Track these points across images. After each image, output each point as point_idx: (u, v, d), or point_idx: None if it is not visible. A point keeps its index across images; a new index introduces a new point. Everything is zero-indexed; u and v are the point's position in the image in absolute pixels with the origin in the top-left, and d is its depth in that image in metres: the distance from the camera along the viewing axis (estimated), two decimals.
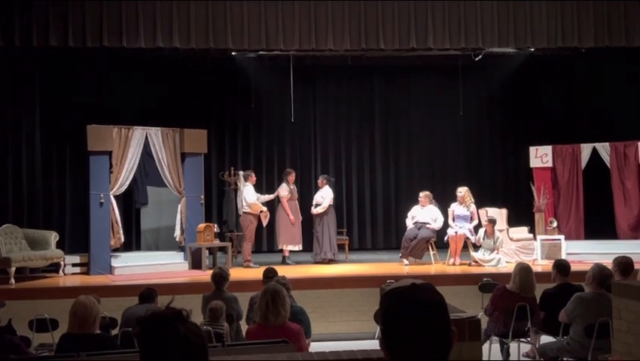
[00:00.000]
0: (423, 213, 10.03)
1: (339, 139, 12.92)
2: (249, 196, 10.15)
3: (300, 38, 9.40)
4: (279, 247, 10.65)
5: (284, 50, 9.77)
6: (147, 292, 5.94)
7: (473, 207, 9.99)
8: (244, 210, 10.26)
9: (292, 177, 10.63)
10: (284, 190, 10.44)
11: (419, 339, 1.53)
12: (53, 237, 9.49)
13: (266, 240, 12.33)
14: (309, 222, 10.64)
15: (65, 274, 9.39)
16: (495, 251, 9.61)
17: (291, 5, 9.30)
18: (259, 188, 12.09)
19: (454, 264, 9.76)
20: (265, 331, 4.40)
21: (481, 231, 9.81)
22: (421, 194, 10.18)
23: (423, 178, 12.62)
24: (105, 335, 4.58)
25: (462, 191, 9.95)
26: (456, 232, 9.75)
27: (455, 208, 9.99)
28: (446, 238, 9.88)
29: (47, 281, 9.01)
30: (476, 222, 9.96)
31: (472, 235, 9.82)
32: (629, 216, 10.87)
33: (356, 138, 12.95)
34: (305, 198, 11.60)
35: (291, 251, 10.43)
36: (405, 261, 9.83)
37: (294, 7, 9.32)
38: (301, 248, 10.50)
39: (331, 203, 10.41)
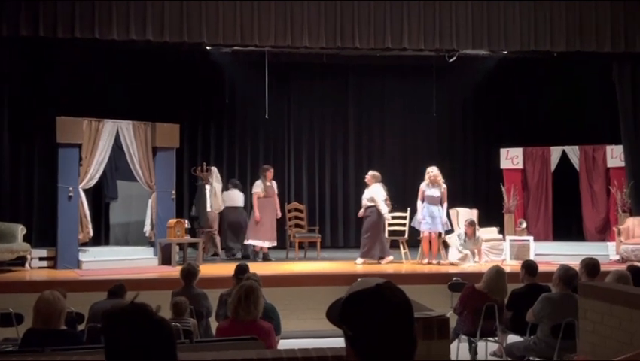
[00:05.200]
0: (366, 193, 9.88)
1: (313, 136, 12.92)
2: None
3: (276, 35, 9.37)
4: (245, 242, 10.61)
5: (259, 46, 9.72)
6: (115, 289, 5.88)
7: (443, 187, 9.70)
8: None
9: (270, 173, 10.55)
10: (256, 187, 10.42)
11: (388, 340, 1.53)
12: (20, 230, 9.30)
13: None
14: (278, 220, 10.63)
15: (31, 268, 9.22)
16: (476, 251, 9.67)
17: (266, 1, 9.26)
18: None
19: (430, 263, 9.62)
20: (236, 328, 4.39)
21: (461, 233, 9.82)
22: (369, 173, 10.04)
23: (395, 177, 12.66)
24: (70, 331, 4.50)
25: (434, 170, 9.67)
26: (430, 232, 9.61)
27: (425, 188, 9.69)
28: (421, 227, 9.68)
29: (13, 275, 8.84)
30: (445, 205, 9.75)
31: (444, 227, 9.68)
32: (597, 218, 11.07)
33: (329, 136, 12.96)
34: (279, 195, 11.60)
35: (267, 248, 10.43)
36: (359, 260, 9.77)
37: (270, 3, 9.28)
38: (274, 245, 10.48)
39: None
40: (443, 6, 9.69)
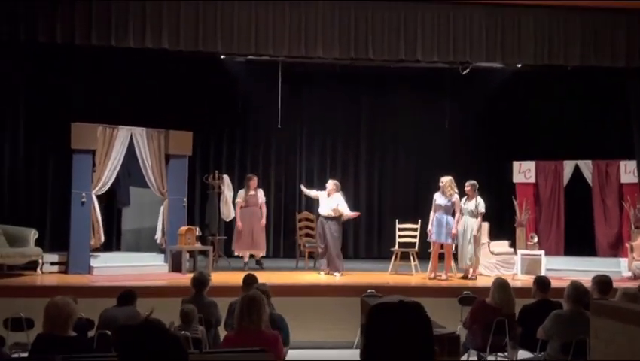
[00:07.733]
0: (327, 202, 9.89)
1: (325, 146, 12.93)
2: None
3: (290, 44, 9.39)
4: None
5: (274, 56, 9.76)
6: (126, 294, 5.88)
7: (455, 197, 9.59)
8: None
9: (253, 182, 10.57)
10: (238, 196, 10.52)
11: (401, 358, 1.54)
12: (32, 234, 9.38)
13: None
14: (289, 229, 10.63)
15: (42, 273, 9.28)
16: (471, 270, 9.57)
17: (281, 11, 9.30)
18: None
19: (436, 278, 9.46)
20: (242, 338, 4.38)
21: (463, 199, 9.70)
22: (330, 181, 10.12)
23: (407, 188, 12.67)
24: (80, 338, 4.52)
25: (444, 179, 9.66)
26: (442, 244, 9.49)
27: (437, 198, 9.65)
28: (430, 238, 9.63)
29: (25, 279, 8.90)
30: (457, 216, 9.64)
31: (453, 239, 9.48)
32: (609, 234, 10.98)
33: (342, 146, 12.98)
34: (289, 204, 11.63)
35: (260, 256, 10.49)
36: (322, 273, 9.72)
37: (285, 14, 9.32)
38: (263, 254, 10.56)
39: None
40: (457, 18, 9.67)
